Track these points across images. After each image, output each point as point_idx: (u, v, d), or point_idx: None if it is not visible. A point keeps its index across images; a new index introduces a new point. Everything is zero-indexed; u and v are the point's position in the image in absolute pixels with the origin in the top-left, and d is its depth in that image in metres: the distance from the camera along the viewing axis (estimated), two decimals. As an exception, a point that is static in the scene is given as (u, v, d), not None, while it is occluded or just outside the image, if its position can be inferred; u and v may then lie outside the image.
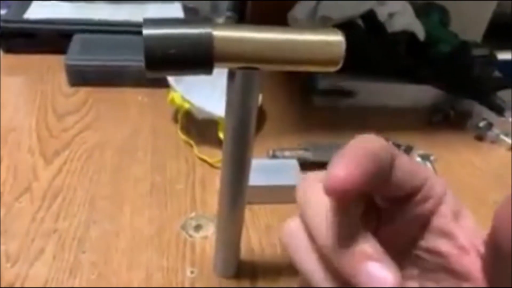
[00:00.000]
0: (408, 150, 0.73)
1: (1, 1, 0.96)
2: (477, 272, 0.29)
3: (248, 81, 0.39)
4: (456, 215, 0.31)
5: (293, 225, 0.31)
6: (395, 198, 0.30)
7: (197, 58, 0.36)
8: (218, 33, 0.36)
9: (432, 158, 0.71)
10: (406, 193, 0.30)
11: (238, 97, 0.40)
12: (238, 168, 0.46)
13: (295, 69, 0.39)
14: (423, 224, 0.31)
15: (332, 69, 0.39)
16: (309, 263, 0.29)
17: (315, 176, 0.31)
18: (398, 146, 0.73)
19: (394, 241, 0.31)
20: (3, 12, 0.96)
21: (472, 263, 0.29)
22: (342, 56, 0.38)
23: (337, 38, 0.38)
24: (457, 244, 0.30)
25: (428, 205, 0.30)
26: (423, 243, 0.31)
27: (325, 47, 0.38)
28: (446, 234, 0.30)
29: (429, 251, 0.31)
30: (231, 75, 0.39)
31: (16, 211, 0.60)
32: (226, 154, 0.45)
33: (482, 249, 0.29)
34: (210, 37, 0.36)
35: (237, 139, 0.43)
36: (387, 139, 0.73)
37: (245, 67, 0.38)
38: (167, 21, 0.36)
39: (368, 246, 0.25)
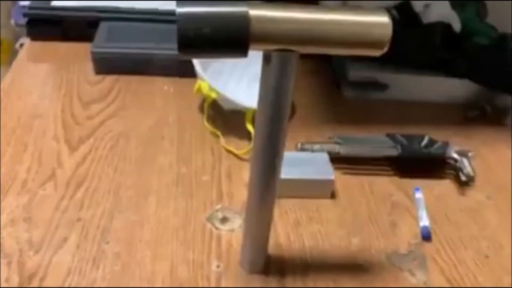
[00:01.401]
0: (444, 146, 0.69)
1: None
2: None
3: (284, 64, 0.37)
4: None
5: None
6: None
7: (232, 39, 0.34)
8: (255, 12, 0.34)
9: (470, 154, 0.68)
10: None
11: (273, 82, 0.38)
12: (269, 159, 0.44)
13: (336, 52, 0.36)
14: None
15: (377, 53, 0.36)
16: None
17: None
18: (433, 141, 0.69)
19: None
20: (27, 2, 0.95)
21: None
22: (389, 39, 0.35)
23: (383, 19, 0.35)
24: None
25: None
26: None
27: (370, 28, 0.35)
28: None
29: None
30: (266, 58, 0.37)
31: (40, 199, 0.59)
32: (257, 144, 0.43)
33: None
34: (246, 16, 0.34)
35: (270, 126, 0.41)
36: (423, 134, 0.70)
37: (282, 49, 0.36)
38: (201, 1, 0.34)
39: None
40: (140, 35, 0.86)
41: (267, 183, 0.46)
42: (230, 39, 0.34)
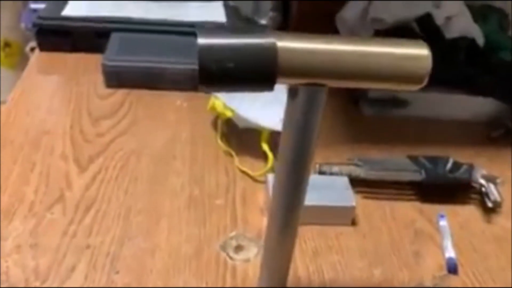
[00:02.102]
0: (470, 169, 0.66)
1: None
2: None
3: (312, 99, 0.34)
4: None
5: None
6: None
7: (258, 73, 0.31)
8: (283, 44, 0.31)
9: (498, 180, 0.64)
10: None
11: (300, 117, 0.35)
12: (293, 191, 0.41)
13: (370, 86, 0.34)
14: None
15: (415, 87, 0.33)
16: None
17: None
18: (458, 165, 0.66)
19: None
20: (41, 5, 0.93)
21: None
22: (428, 73, 0.32)
23: (423, 52, 0.32)
24: None
25: None
26: None
27: (408, 61, 0.32)
28: None
29: None
30: (292, 92, 0.34)
31: (47, 223, 0.56)
32: (280, 175, 0.40)
33: None
34: (274, 49, 0.31)
35: (294, 162, 0.38)
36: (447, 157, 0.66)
37: (311, 83, 0.33)
38: (223, 29, 0.31)
39: None
40: (153, 47, 0.83)
41: (289, 215, 0.43)
42: (255, 74, 0.31)
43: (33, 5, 1.14)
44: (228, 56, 0.30)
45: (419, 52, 0.32)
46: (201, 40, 0.31)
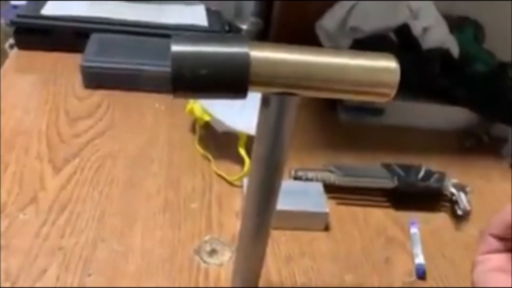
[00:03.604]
0: (441, 178, 0.67)
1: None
2: None
3: (284, 108, 0.35)
4: None
5: None
6: None
7: (231, 81, 0.32)
8: (256, 53, 0.32)
9: (467, 189, 0.66)
10: None
11: (272, 125, 0.35)
12: (265, 197, 0.42)
13: (339, 97, 0.34)
14: None
15: (383, 99, 0.34)
16: None
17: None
18: (430, 173, 0.68)
19: None
20: (21, 2, 0.92)
21: None
22: (396, 86, 0.33)
23: (391, 64, 0.33)
24: None
25: None
26: None
27: (376, 74, 0.33)
28: None
29: None
30: (265, 101, 0.35)
31: (19, 224, 0.56)
32: (253, 181, 0.41)
33: None
34: (246, 58, 0.31)
35: (267, 169, 0.39)
36: (419, 165, 0.68)
37: (283, 93, 0.34)
38: (198, 38, 0.32)
39: None
40: (132, 49, 0.83)
41: (261, 220, 0.44)
42: (228, 82, 0.32)
43: (14, 2, 1.12)
44: (202, 63, 0.31)
45: (387, 65, 0.33)
46: (175, 47, 0.31)
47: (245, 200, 0.44)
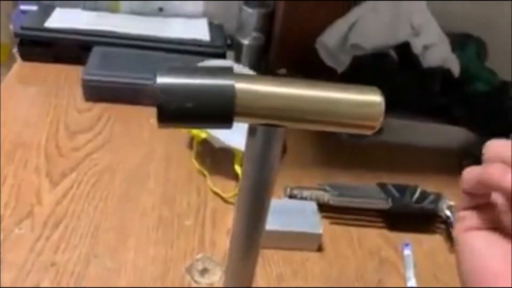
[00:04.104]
0: (437, 199, 0.67)
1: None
2: None
3: (270, 139, 0.35)
4: None
5: None
6: None
7: (216, 113, 0.32)
8: (241, 86, 0.32)
9: (462, 212, 0.66)
10: None
11: (258, 154, 0.36)
12: (253, 221, 0.42)
13: (324, 129, 0.35)
14: None
15: (368, 132, 0.34)
16: None
17: None
18: (425, 194, 0.67)
19: None
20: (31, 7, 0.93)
21: None
22: (381, 120, 0.33)
23: (375, 98, 0.33)
24: None
25: None
26: None
27: (361, 108, 0.33)
28: None
29: None
30: (251, 130, 0.35)
31: (14, 238, 0.57)
32: (241, 204, 0.41)
33: None
34: (232, 91, 0.32)
35: (254, 196, 0.39)
36: (415, 186, 0.68)
37: (269, 124, 0.34)
38: (183, 70, 0.32)
39: None
40: (134, 63, 0.84)
41: (249, 240, 0.44)
42: (213, 114, 0.32)
43: (23, 6, 1.14)
44: (187, 96, 0.31)
45: (372, 99, 0.33)
46: (160, 80, 0.31)
47: (233, 221, 0.44)
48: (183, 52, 0.88)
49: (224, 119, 0.32)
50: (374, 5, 0.90)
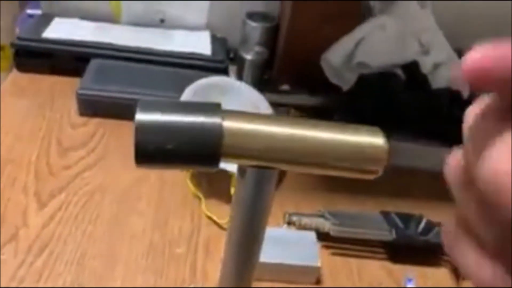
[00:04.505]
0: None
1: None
2: None
3: (261, 181, 0.32)
4: None
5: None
6: None
7: (201, 155, 0.29)
8: (229, 124, 0.29)
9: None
10: None
11: (248, 197, 0.33)
12: (243, 260, 0.39)
13: (320, 173, 0.32)
14: None
15: (370, 177, 0.31)
16: None
17: None
18: (431, 225, 0.64)
19: None
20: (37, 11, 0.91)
21: None
22: (384, 165, 0.30)
23: (378, 141, 0.30)
24: None
25: None
26: None
27: (362, 152, 0.30)
28: None
29: None
30: (241, 171, 0.32)
31: (-4, 264, 0.54)
32: (230, 244, 0.38)
33: None
34: (219, 130, 0.29)
35: (242, 237, 0.36)
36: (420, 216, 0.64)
37: (259, 166, 0.31)
38: (166, 105, 0.29)
39: None
40: (130, 76, 0.81)
41: (240, 278, 0.41)
42: (197, 156, 0.29)
43: (29, 10, 1.12)
44: (167, 137, 0.28)
45: (374, 141, 0.30)
46: (139, 116, 0.29)
47: (223, 253, 0.41)
48: (183, 66, 0.85)
49: (210, 161, 0.29)
50: (382, 21, 0.87)
